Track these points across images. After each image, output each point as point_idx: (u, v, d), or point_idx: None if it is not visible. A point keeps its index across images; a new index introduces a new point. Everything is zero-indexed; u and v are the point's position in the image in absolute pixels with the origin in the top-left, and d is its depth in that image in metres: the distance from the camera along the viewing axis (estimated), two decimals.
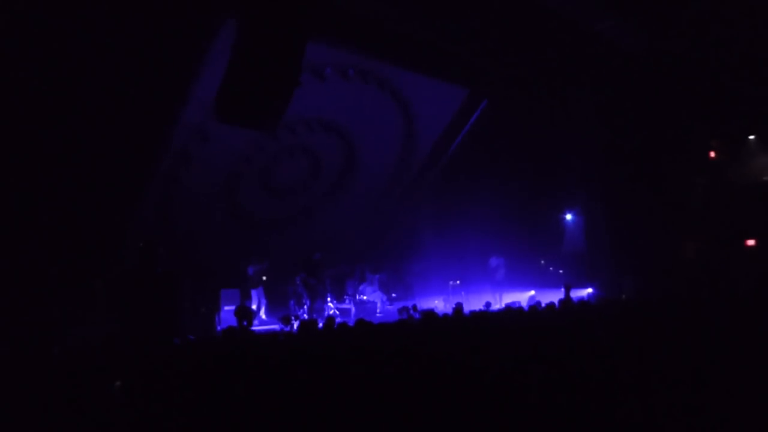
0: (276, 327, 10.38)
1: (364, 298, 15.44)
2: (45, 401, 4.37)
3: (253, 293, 13.43)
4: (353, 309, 14.54)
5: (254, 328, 9.34)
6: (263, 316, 13.40)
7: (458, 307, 9.86)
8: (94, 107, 9.58)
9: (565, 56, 13.31)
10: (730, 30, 12.51)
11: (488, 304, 12.44)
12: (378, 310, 14.98)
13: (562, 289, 12.53)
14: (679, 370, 4.92)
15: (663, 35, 12.96)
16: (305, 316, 13.46)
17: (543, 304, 9.77)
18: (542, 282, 16.31)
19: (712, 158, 15.76)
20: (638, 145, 14.98)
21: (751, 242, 14.80)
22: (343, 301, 15.23)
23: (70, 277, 9.90)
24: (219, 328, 11.89)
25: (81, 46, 8.98)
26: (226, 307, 12.46)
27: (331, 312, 13.95)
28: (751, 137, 15.52)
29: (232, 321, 9.75)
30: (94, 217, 10.40)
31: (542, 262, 18.16)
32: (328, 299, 14.32)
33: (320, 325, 9.31)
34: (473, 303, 13.12)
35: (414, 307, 10.94)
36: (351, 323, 7.48)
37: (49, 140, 9.49)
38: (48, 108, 9.26)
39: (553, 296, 12.49)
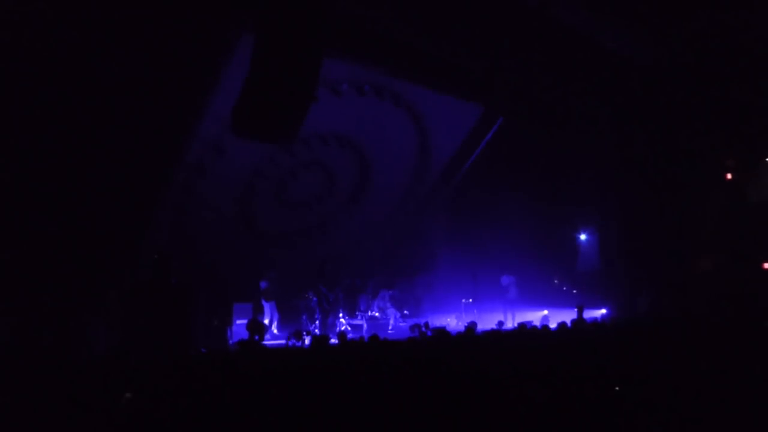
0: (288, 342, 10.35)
1: (376, 314, 15.37)
2: (58, 411, 4.39)
3: (266, 307, 13.43)
4: (365, 325, 14.47)
5: (266, 342, 9.33)
6: (275, 331, 13.38)
7: (471, 326, 9.79)
8: (110, 121, 9.67)
9: (580, 73, 13.29)
10: (746, 44, 12.45)
11: (501, 323, 12.35)
12: (390, 327, 14.91)
13: (576, 310, 12.40)
14: (692, 391, 4.86)
15: (678, 51, 12.92)
16: (317, 331, 13.43)
17: (554, 327, 9.67)
18: (556, 301, 16.18)
19: (728, 176, 15.59)
20: (653, 162, 14.88)
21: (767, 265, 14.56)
22: (356, 317, 15.18)
23: (84, 288, 9.95)
24: (231, 341, 11.90)
25: (98, 61, 9.09)
26: (239, 321, 12.46)
27: (343, 327, 13.91)
28: None
29: (244, 334, 9.75)
30: (109, 228, 10.47)
31: (556, 281, 18.03)
32: (340, 314, 14.29)
33: (332, 340, 9.28)
34: (486, 321, 13.00)
35: (426, 324, 10.87)
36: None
37: (65, 153, 9.58)
38: (64, 121, 9.36)
39: (566, 316, 12.36)
